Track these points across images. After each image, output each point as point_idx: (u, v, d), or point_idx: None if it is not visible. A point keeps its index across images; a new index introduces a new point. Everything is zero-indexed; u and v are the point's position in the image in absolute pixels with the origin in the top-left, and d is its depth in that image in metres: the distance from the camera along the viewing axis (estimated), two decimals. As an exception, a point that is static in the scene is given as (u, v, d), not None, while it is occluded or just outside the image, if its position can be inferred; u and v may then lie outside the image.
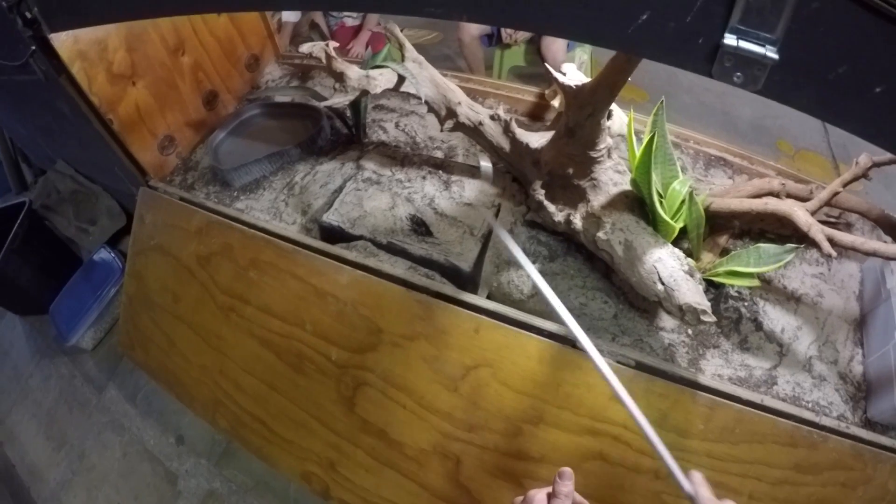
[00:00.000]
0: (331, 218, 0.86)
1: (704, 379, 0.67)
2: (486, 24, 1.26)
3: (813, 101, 0.40)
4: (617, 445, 0.66)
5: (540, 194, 0.81)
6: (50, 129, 1.21)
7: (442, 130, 0.84)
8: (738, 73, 0.39)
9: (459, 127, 0.85)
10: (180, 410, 1.13)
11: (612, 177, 0.78)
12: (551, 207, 0.81)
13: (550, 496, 0.46)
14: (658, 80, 1.81)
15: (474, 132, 0.86)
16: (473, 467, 0.74)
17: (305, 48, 0.82)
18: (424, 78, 0.83)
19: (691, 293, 0.62)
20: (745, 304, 0.79)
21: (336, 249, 0.84)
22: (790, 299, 0.80)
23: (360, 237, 0.84)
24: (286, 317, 0.87)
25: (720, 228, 0.83)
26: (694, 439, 0.63)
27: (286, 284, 0.87)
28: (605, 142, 0.74)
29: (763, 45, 0.37)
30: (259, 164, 1.04)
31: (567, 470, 0.46)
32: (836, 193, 0.74)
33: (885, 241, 0.80)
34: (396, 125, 1.07)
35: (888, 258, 0.73)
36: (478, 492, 0.74)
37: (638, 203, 0.75)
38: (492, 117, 0.85)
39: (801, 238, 0.70)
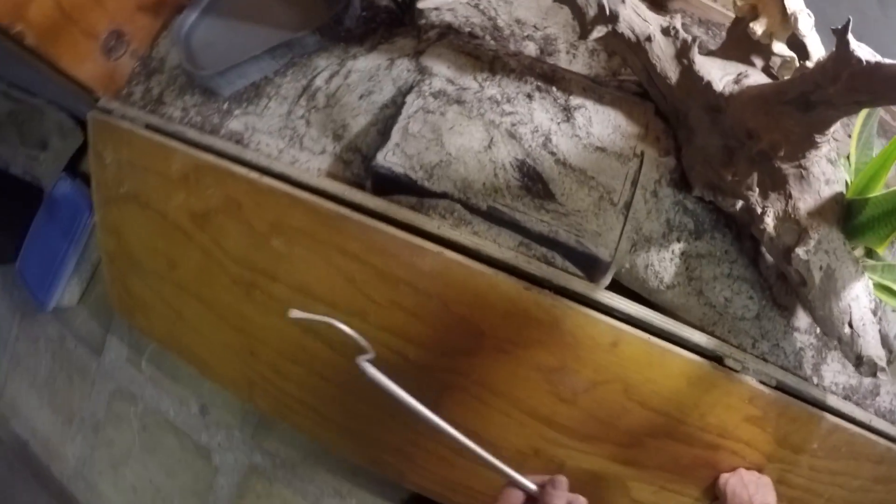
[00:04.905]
0: (392, 161, 0.56)
1: (834, 401, 0.61)
2: None
3: None
4: (732, 458, 0.62)
5: (753, 196, 0.55)
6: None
7: (584, 38, 0.52)
8: None
9: (613, 38, 0.54)
10: (197, 375, 0.94)
11: (825, 169, 0.55)
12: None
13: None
14: None
15: (633, 49, 0.55)
16: (578, 470, 0.65)
17: None
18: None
19: (875, 343, 0.52)
20: (868, 303, 0.68)
21: (409, 215, 0.55)
22: (902, 302, 0.68)
23: (444, 195, 0.55)
24: (336, 303, 0.63)
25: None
26: (804, 455, 0.62)
27: (332, 262, 0.61)
28: (835, 126, 0.52)
29: None
30: (258, 63, 0.69)
31: (561, 479, 0.42)
32: None
33: None
34: None
35: None
36: (580, 490, 0.61)
37: (842, 212, 0.57)
38: (665, 32, 0.54)
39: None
